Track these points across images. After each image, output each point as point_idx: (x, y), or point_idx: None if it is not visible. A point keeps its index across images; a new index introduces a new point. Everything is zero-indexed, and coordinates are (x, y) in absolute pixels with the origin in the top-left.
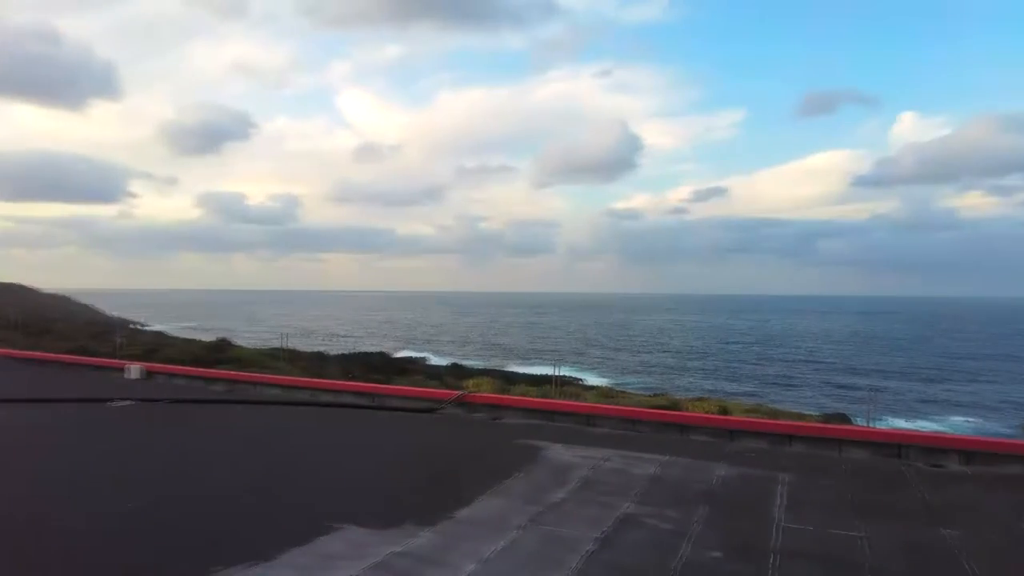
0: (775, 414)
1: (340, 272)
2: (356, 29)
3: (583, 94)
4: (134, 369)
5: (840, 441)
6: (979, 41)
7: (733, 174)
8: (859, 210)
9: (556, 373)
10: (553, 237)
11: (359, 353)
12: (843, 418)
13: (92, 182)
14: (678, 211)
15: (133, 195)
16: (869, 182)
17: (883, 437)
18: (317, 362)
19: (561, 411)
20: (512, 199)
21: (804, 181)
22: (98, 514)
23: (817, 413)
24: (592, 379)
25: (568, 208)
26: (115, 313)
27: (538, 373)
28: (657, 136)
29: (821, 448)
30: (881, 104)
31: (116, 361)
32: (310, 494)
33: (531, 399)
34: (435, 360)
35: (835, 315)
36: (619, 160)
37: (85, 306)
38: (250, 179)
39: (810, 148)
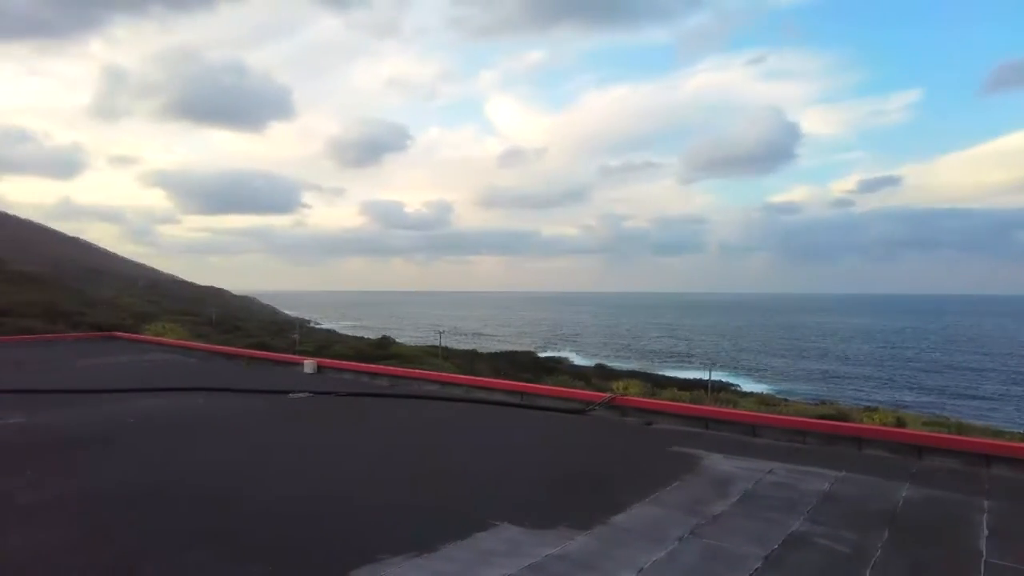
0: (963, 429)
1: (487, 273)
2: (501, 37)
3: (734, 84)
4: (308, 364)
5: None
6: None
7: (907, 162)
8: None
9: (709, 378)
10: (702, 234)
11: (507, 352)
12: None
13: (271, 195)
14: (843, 203)
15: (305, 206)
16: None
17: None
18: (469, 359)
19: (719, 419)
20: (657, 196)
21: (995, 165)
22: (276, 495)
23: (1020, 431)
24: (748, 385)
25: (719, 203)
26: (291, 313)
27: (689, 377)
28: (818, 124)
29: None
30: None
31: (294, 356)
32: (466, 489)
33: (686, 405)
34: (579, 360)
35: None
36: (775, 151)
37: (267, 306)
38: (407, 187)
39: (1002, 127)
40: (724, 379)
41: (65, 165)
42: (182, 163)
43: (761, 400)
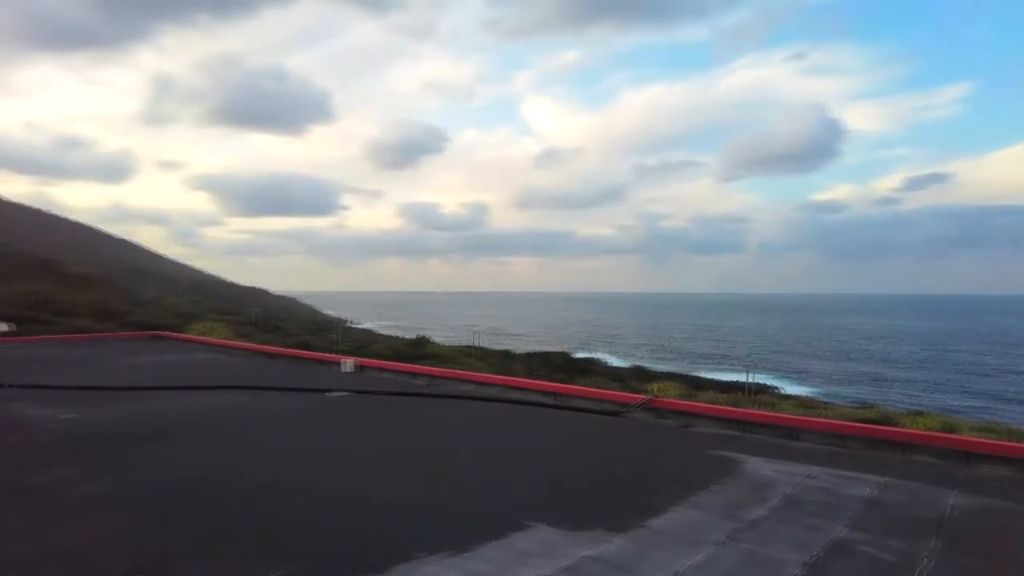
0: (1016, 435)
1: (523, 274)
2: (536, 38)
3: (774, 81)
4: (348, 363)
5: None
6: None
7: (956, 157)
8: None
9: (748, 380)
10: (742, 234)
11: (542, 352)
12: None
13: (311, 198)
14: (888, 201)
15: (345, 208)
16: None
17: None
18: (503, 360)
19: (759, 422)
20: (696, 195)
21: None
22: (316, 491)
23: None
24: (789, 387)
25: (759, 202)
26: (331, 312)
27: (727, 379)
28: (862, 120)
29: None
30: None
31: (334, 356)
32: (501, 489)
33: (725, 407)
34: (615, 362)
35: None
36: (817, 148)
37: (307, 306)
38: (443, 189)
39: None
40: (764, 381)
41: (116, 170)
42: (225, 167)
43: (801, 403)
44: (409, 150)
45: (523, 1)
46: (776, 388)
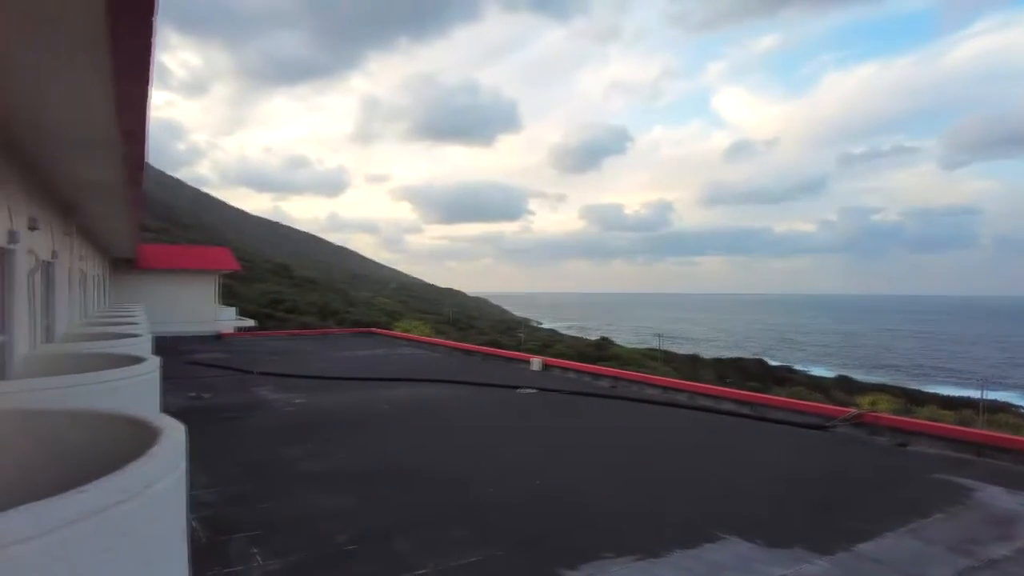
0: None
1: (712, 274)
2: (726, 27)
3: (1018, 46)
4: (535, 362)
5: None
6: None
7: None
8: None
9: (982, 396)
10: (971, 227)
11: (734, 358)
12: None
13: (500, 204)
14: None
15: (531, 212)
16: None
17: None
18: (690, 364)
19: (996, 445)
20: (913, 185)
21: None
22: (512, 483)
23: None
24: None
25: (994, 190)
26: (518, 313)
27: (953, 394)
28: None
29: None
30: None
31: (522, 355)
32: (692, 498)
33: (951, 426)
34: (816, 370)
35: None
36: None
37: (497, 307)
38: (626, 190)
39: None
40: (1001, 398)
41: (333, 184)
42: (424, 178)
43: None
44: (592, 153)
45: None
46: (1019, 407)
